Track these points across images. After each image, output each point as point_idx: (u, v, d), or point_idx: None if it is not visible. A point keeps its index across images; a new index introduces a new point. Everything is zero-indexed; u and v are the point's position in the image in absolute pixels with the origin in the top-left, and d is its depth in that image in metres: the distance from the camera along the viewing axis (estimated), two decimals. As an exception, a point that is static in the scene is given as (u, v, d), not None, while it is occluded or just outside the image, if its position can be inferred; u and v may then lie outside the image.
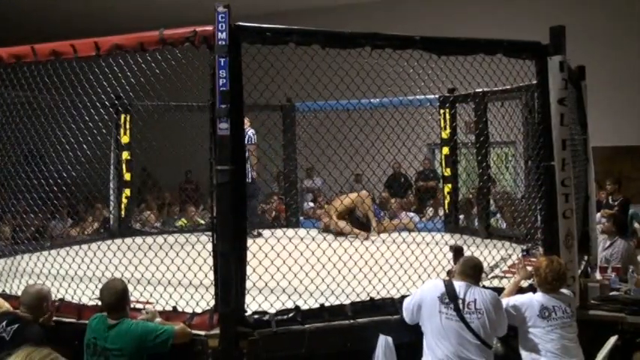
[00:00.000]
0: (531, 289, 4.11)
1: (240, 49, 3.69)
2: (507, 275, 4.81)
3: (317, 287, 4.06)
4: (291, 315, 3.76)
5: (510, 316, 3.75)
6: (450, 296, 3.54)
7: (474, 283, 3.66)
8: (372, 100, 4.98)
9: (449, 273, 4.45)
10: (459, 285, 3.61)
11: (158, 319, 3.62)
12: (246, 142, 6.90)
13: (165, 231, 7.30)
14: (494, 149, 7.02)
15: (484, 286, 3.78)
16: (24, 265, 4.63)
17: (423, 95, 5.66)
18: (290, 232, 4.89)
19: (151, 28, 3.99)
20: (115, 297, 3.46)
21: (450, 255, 4.79)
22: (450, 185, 7.46)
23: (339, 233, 7.02)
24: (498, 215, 7.51)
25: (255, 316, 3.70)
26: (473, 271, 3.70)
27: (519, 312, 3.79)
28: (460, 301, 3.52)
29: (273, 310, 3.77)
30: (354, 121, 4.81)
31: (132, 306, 3.88)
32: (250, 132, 6.82)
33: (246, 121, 6.77)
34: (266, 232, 5.14)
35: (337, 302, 3.96)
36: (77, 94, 4.62)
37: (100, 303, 3.62)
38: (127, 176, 7.41)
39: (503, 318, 3.65)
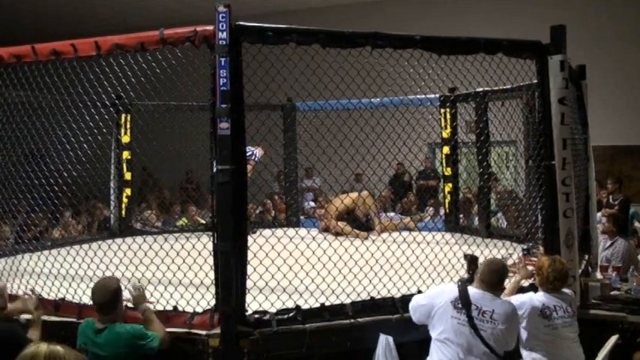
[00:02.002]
0: (532, 288, 4.11)
1: (240, 49, 3.69)
2: (508, 275, 4.80)
3: (317, 287, 4.07)
4: (291, 314, 3.76)
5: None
6: (462, 302, 3.44)
7: (492, 290, 3.51)
8: (372, 100, 4.98)
9: (460, 280, 4.39)
10: (474, 292, 3.49)
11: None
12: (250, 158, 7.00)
13: (165, 230, 7.30)
14: (495, 148, 7.02)
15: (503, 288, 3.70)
16: (24, 265, 4.64)
17: (424, 95, 5.66)
18: (290, 231, 4.89)
19: (151, 27, 3.99)
20: (108, 296, 3.35)
21: (450, 256, 4.78)
22: (450, 184, 7.46)
23: (338, 233, 7.02)
24: (499, 214, 7.51)
25: (256, 316, 3.70)
26: (490, 278, 3.52)
27: (520, 311, 3.78)
28: (474, 308, 3.41)
29: (273, 310, 3.78)
30: (354, 120, 4.81)
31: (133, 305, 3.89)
32: (258, 152, 6.90)
33: (261, 150, 6.88)
34: (266, 232, 5.15)
35: (338, 302, 3.96)
36: (78, 94, 4.63)
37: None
38: (128, 176, 7.42)
39: (515, 332, 3.55)
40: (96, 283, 3.47)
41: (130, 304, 3.76)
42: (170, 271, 4.10)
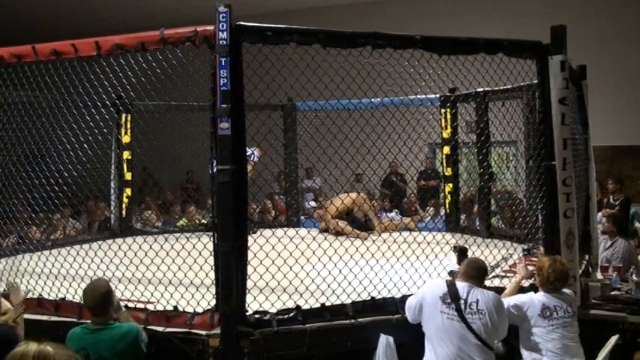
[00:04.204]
0: (532, 288, 4.11)
1: (241, 49, 3.69)
2: (508, 275, 4.81)
3: (318, 287, 4.07)
4: (292, 314, 3.76)
5: (511, 316, 3.74)
6: (451, 296, 3.52)
7: (476, 284, 3.63)
8: (372, 100, 4.98)
9: (451, 273, 4.45)
10: (461, 285, 3.59)
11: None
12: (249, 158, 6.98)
13: (166, 230, 7.30)
14: (495, 149, 7.02)
15: (485, 287, 3.77)
16: (25, 265, 4.64)
17: (424, 95, 5.66)
18: (291, 231, 4.89)
19: (151, 27, 3.99)
20: (99, 299, 3.32)
21: (452, 254, 4.79)
22: (451, 185, 7.46)
23: (339, 233, 7.01)
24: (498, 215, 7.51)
25: (256, 316, 3.70)
26: (476, 273, 3.67)
27: (520, 311, 3.78)
28: (462, 302, 3.51)
29: (274, 310, 3.78)
30: (354, 120, 4.81)
31: (133, 305, 3.90)
32: (256, 152, 6.90)
33: (260, 150, 6.86)
34: (267, 232, 5.16)
35: (338, 302, 3.96)
36: (78, 94, 4.63)
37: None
38: (128, 176, 7.42)
39: (504, 319, 3.63)
40: (86, 287, 3.43)
41: (138, 305, 3.77)
42: (170, 271, 4.10)
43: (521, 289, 4.15)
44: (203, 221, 7.89)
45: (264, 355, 3.61)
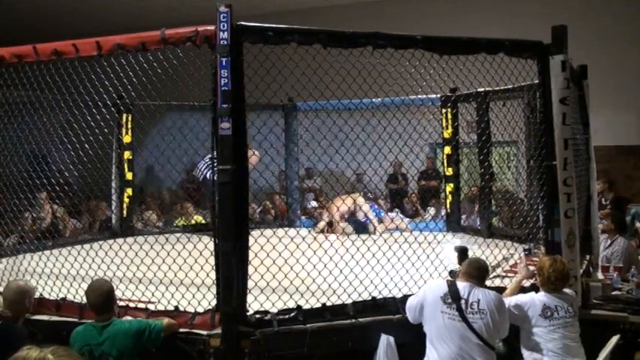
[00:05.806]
0: (533, 288, 4.11)
1: (241, 49, 3.69)
2: (509, 275, 4.81)
3: (319, 287, 4.06)
4: (292, 314, 3.76)
5: (512, 316, 3.74)
6: (452, 296, 3.52)
7: (477, 284, 3.63)
8: (373, 100, 4.98)
9: (451, 273, 4.45)
10: (462, 285, 3.59)
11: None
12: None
13: (166, 230, 7.30)
14: (496, 149, 7.02)
15: (487, 287, 3.77)
16: (26, 265, 4.64)
17: (425, 95, 5.66)
18: (292, 231, 4.88)
19: (151, 27, 3.99)
20: (102, 297, 3.45)
21: (452, 254, 4.79)
22: (451, 185, 7.46)
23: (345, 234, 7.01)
24: (499, 214, 7.50)
25: (257, 316, 3.70)
26: (477, 273, 3.67)
27: (521, 311, 3.78)
28: (463, 302, 3.51)
29: (274, 310, 3.78)
30: (355, 120, 4.81)
31: (134, 305, 3.90)
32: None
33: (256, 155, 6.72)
34: (268, 232, 5.15)
35: (339, 302, 3.96)
36: (79, 94, 4.62)
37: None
38: (129, 176, 7.42)
39: (506, 319, 3.64)
40: (88, 286, 3.55)
41: (139, 305, 3.78)
42: (171, 272, 4.10)
43: (522, 289, 4.15)
44: (203, 221, 7.89)
45: (264, 355, 3.61)
